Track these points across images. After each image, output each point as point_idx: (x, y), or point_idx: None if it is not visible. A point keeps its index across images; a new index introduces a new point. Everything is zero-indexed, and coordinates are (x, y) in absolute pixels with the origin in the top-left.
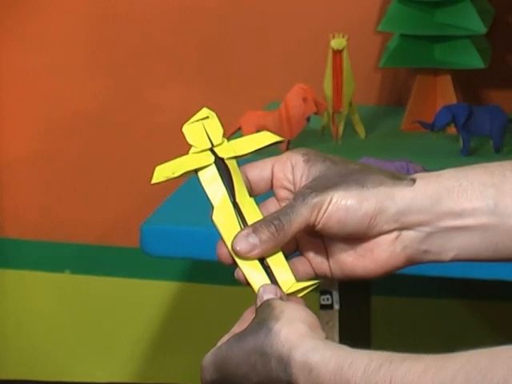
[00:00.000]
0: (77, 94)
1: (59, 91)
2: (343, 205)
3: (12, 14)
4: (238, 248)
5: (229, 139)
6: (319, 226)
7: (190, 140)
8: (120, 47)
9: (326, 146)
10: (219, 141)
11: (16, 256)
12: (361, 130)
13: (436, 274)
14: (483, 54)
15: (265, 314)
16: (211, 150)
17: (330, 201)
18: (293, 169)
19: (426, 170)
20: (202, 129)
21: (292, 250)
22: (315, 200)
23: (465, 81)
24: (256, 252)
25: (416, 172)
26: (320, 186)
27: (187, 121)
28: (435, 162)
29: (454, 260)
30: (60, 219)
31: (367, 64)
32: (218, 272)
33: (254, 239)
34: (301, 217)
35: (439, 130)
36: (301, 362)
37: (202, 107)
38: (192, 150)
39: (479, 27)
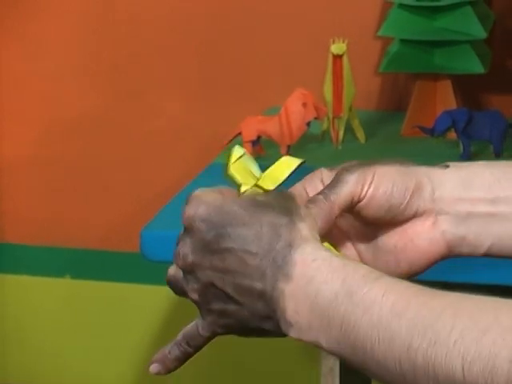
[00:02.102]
0: (77, 97)
1: (59, 94)
2: (389, 177)
3: (12, 18)
4: None
5: (228, 144)
6: (365, 201)
7: (239, 180)
8: (119, 51)
9: (326, 151)
10: (258, 175)
11: (16, 261)
12: (361, 134)
13: (437, 279)
14: (483, 59)
15: (290, 205)
16: (256, 185)
17: (375, 172)
18: (322, 180)
19: None
20: (244, 167)
21: None
22: (361, 170)
23: (465, 86)
24: None
25: None
26: (361, 163)
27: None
28: None
29: (490, 253)
30: (60, 224)
31: (367, 69)
32: None
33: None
34: (347, 186)
35: (439, 135)
36: (307, 253)
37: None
38: (242, 188)
39: (479, 32)
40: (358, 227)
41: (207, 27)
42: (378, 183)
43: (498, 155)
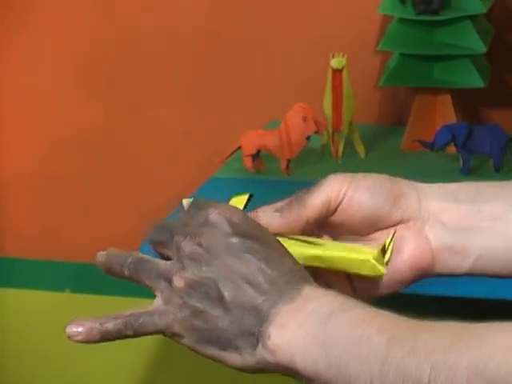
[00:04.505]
0: (76, 112)
1: (58, 109)
2: (370, 181)
3: (9, 31)
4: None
5: (228, 158)
6: (344, 203)
7: None
8: (119, 66)
9: (326, 166)
10: None
11: (16, 275)
12: (361, 149)
13: (435, 292)
14: (483, 73)
15: None
16: None
17: (354, 176)
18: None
19: None
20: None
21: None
22: (340, 175)
23: (465, 100)
24: (278, 224)
25: None
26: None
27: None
28: (435, 181)
29: (475, 267)
30: (60, 238)
31: (367, 83)
32: None
33: (277, 214)
34: (322, 187)
35: (439, 149)
36: (318, 288)
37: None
38: None
39: (479, 47)
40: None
41: (207, 41)
42: (356, 185)
43: (498, 169)
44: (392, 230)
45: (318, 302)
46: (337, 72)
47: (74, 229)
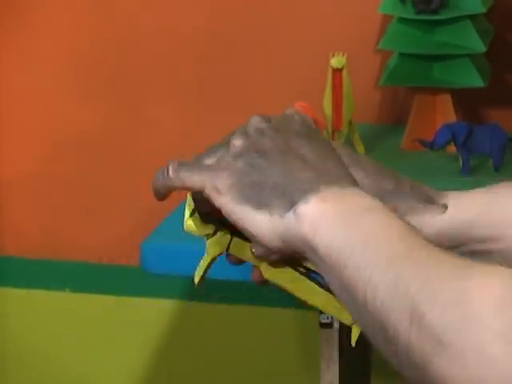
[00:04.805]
0: (76, 113)
1: (58, 109)
2: None
3: (9, 31)
4: (253, 250)
5: None
6: None
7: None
8: (118, 66)
9: None
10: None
11: (16, 274)
12: (360, 148)
13: None
14: (483, 72)
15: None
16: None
17: None
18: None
19: None
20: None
21: None
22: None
23: (464, 99)
24: (274, 258)
25: None
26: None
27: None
28: (435, 180)
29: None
30: (60, 238)
31: (367, 82)
32: (219, 291)
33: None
34: None
35: (439, 148)
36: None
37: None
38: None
39: (479, 46)
40: None
41: (207, 41)
42: None
43: (498, 169)
44: None
45: (363, 198)
46: (337, 71)
47: (74, 229)
